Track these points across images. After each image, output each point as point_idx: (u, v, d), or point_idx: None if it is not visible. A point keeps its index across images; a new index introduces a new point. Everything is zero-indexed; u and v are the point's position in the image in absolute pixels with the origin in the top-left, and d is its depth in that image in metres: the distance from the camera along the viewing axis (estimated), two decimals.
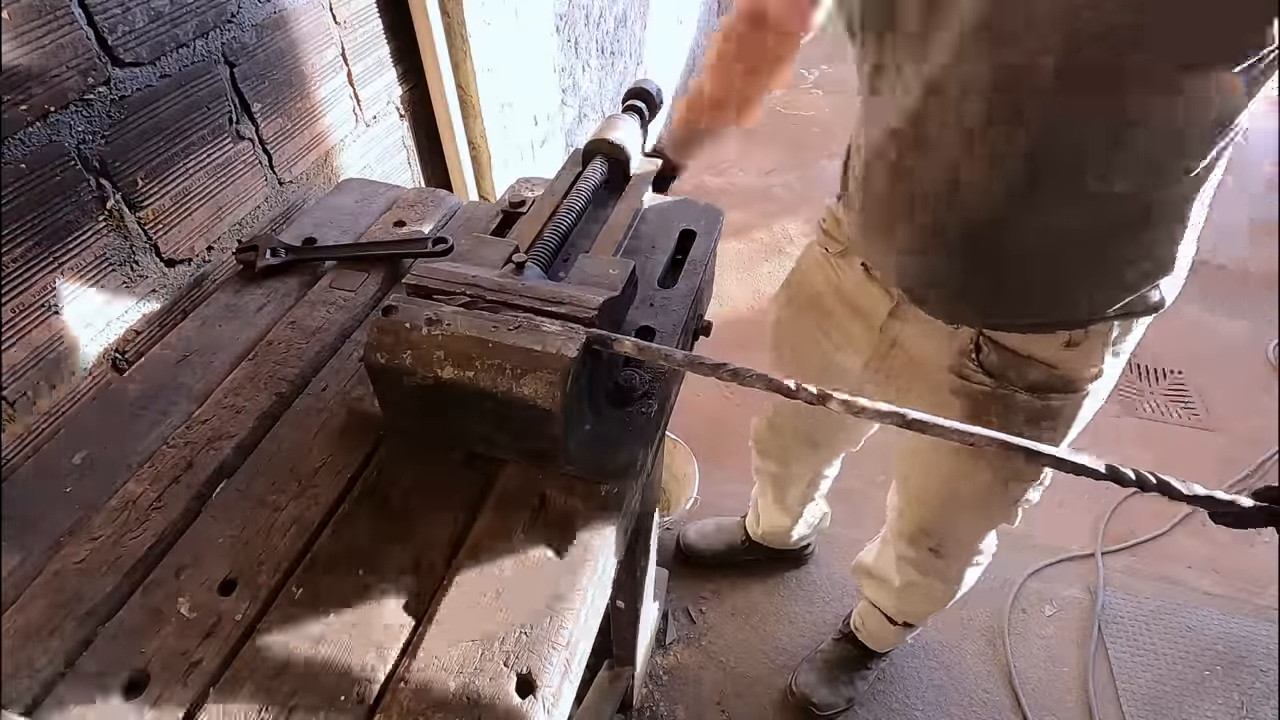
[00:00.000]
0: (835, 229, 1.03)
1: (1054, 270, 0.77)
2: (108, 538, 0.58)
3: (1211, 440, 2.03)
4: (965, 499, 1.04)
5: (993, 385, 0.88)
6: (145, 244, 0.80)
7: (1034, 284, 0.79)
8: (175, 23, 0.77)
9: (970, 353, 0.88)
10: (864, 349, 1.02)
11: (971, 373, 0.89)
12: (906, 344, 0.96)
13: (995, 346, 0.86)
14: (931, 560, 1.16)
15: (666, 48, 2.99)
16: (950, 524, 1.11)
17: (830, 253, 1.04)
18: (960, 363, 0.90)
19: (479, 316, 0.58)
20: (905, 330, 0.95)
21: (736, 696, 1.55)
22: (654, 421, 0.64)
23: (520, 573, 0.56)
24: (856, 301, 1.01)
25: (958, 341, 0.89)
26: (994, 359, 0.87)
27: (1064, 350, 0.84)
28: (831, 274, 1.04)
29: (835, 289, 1.04)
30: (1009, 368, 0.86)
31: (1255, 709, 1.52)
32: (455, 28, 1.16)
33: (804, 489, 1.47)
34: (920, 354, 0.95)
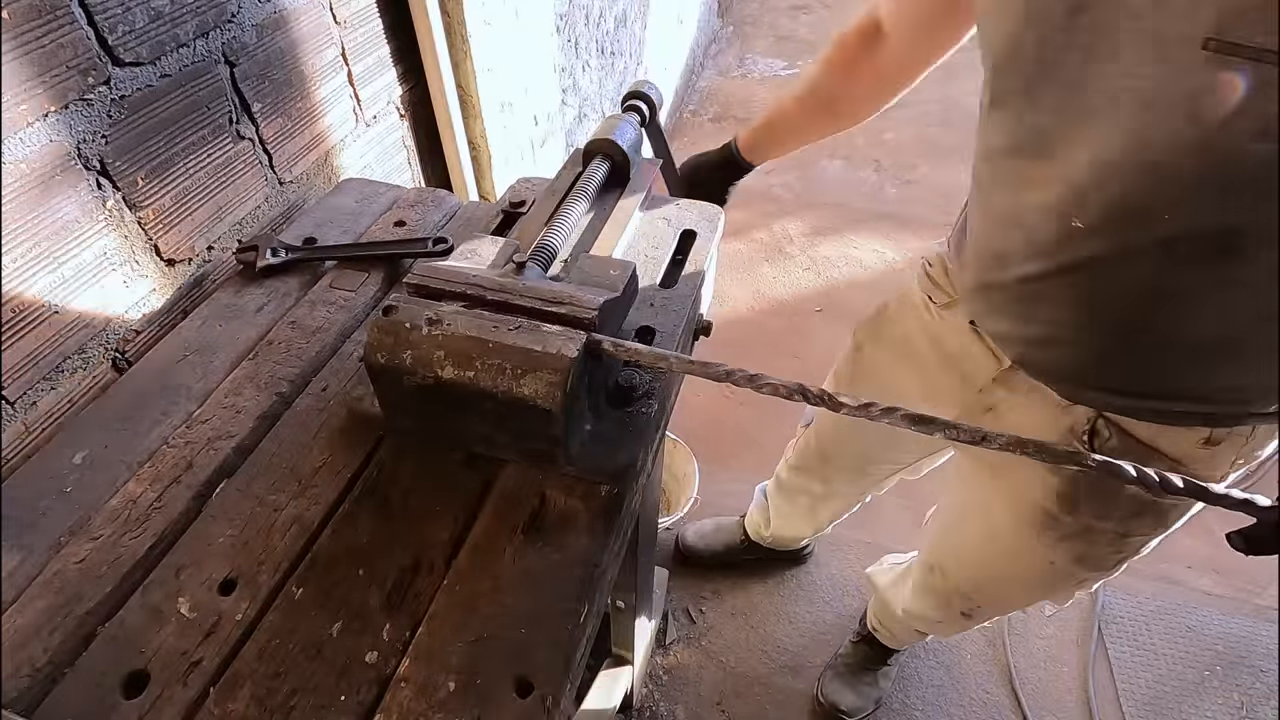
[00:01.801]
0: (943, 279, 0.94)
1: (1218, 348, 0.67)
2: (108, 537, 0.58)
3: None
4: (1023, 580, 0.95)
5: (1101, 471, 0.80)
6: (145, 244, 0.80)
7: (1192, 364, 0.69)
8: (175, 22, 0.77)
9: (1083, 434, 0.78)
10: (953, 407, 0.92)
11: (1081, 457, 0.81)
12: (1005, 411, 0.87)
13: (1118, 432, 0.76)
14: (960, 620, 1.10)
15: (666, 48, 2.99)
16: (993, 597, 1.03)
17: (934, 301, 0.95)
18: (1068, 442, 0.79)
19: (479, 316, 0.58)
20: (1007, 399, 0.86)
21: (736, 696, 1.55)
22: (654, 421, 0.64)
23: (520, 573, 0.56)
24: (956, 358, 0.92)
25: (1069, 419, 0.79)
26: (1113, 444, 0.77)
27: (1199, 448, 0.75)
28: (930, 322, 0.96)
29: (931, 338, 0.95)
30: (1125, 455, 0.72)
31: (1255, 709, 1.52)
32: (455, 27, 1.16)
33: (841, 508, 1.42)
34: (1020, 425, 0.84)
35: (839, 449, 1.24)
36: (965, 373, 0.91)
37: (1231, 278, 0.61)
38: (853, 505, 1.43)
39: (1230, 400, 0.71)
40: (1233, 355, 0.67)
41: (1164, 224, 0.59)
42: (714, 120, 3.30)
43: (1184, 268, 0.61)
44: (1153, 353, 0.69)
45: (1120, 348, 0.70)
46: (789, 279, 2.52)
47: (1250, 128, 0.52)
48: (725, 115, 3.30)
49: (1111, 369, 0.73)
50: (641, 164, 0.84)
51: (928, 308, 0.97)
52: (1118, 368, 0.72)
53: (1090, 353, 0.73)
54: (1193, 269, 0.61)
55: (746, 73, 3.59)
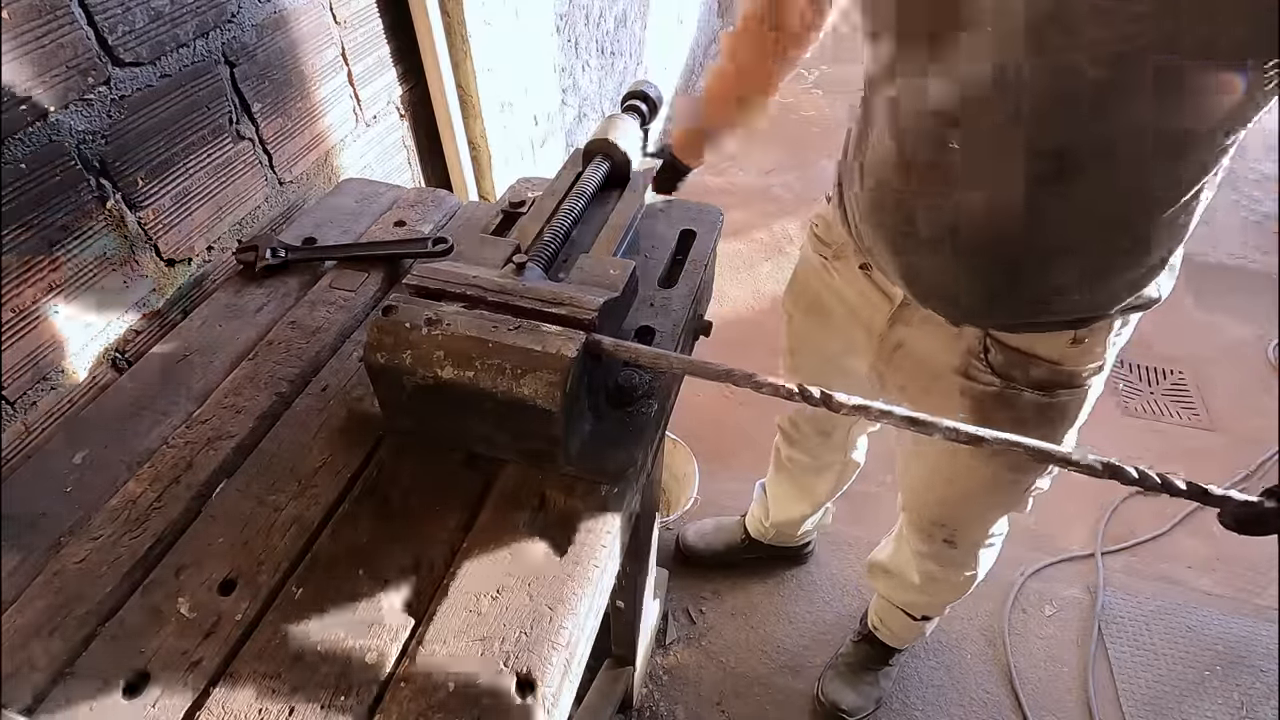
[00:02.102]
0: (827, 233, 1.02)
1: (1069, 270, 0.77)
2: (108, 537, 0.58)
3: (1212, 440, 2.03)
4: (974, 491, 1.04)
5: (1000, 385, 0.88)
6: (145, 244, 0.80)
7: (1049, 284, 0.79)
8: (175, 22, 0.77)
9: (979, 353, 0.88)
10: (867, 352, 1.02)
11: (979, 373, 0.89)
12: (910, 346, 0.96)
13: (1001, 347, 0.87)
14: (947, 551, 1.17)
15: (666, 48, 2.99)
16: (961, 515, 1.12)
17: (825, 258, 1.03)
18: (968, 363, 0.90)
19: (479, 316, 0.58)
20: (908, 333, 0.95)
21: (736, 696, 1.55)
22: (654, 421, 0.64)
23: (520, 573, 0.56)
24: (855, 306, 1.00)
25: (964, 342, 0.89)
26: (1000, 359, 0.87)
27: (1069, 347, 0.85)
28: (828, 278, 1.04)
29: (834, 293, 1.04)
30: (1014, 367, 0.87)
31: (1255, 709, 1.52)
32: (455, 27, 1.16)
33: (834, 477, 1.46)
34: (926, 356, 0.94)
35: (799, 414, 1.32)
36: (866, 319, 0.99)
37: (1069, 194, 0.69)
38: (844, 475, 1.47)
39: (1077, 309, 0.81)
40: (1076, 265, 0.77)
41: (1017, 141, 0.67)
42: None
43: (1030, 186, 0.69)
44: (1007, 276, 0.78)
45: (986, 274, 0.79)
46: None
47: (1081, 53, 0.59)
48: None
49: (984, 302, 0.82)
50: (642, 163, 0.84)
51: (825, 266, 1.04)
52: (990, 301, 0.81)
53: (962, 287, 0.81)
54: (1036, 187, 0.69)
55: None
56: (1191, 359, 2.24)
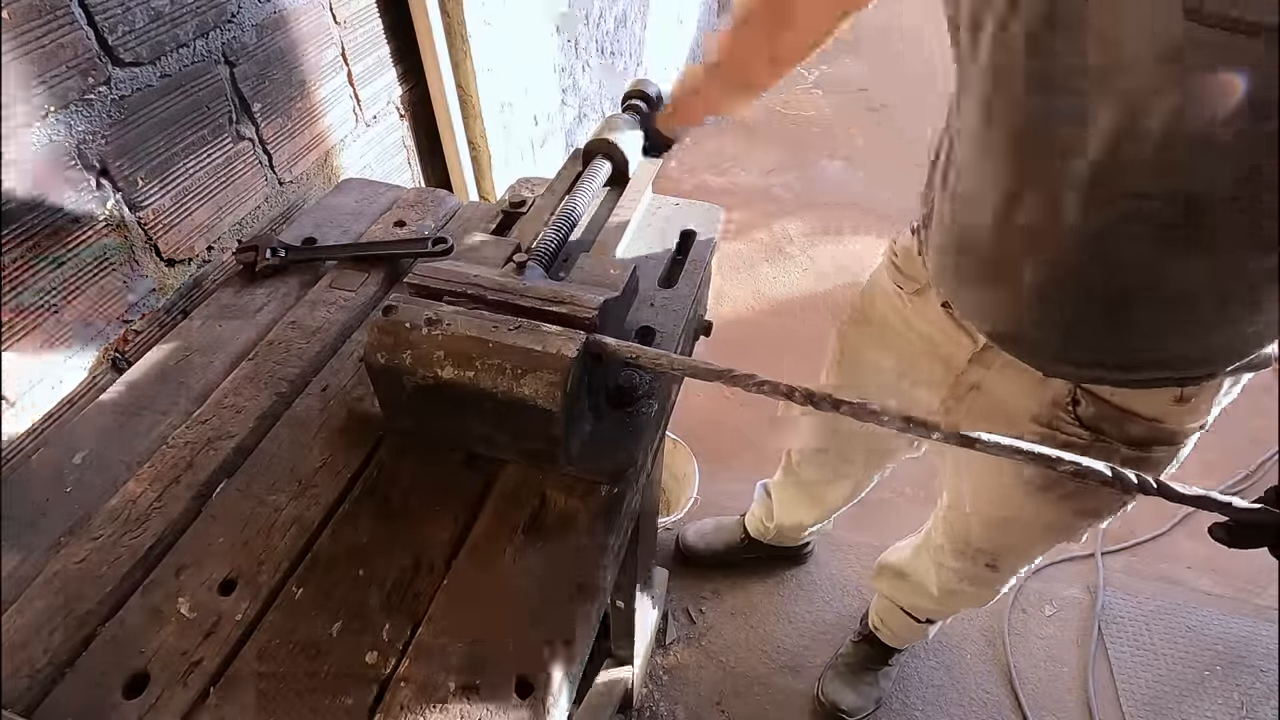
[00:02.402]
0: (909, 265, 0.95)
1: (1183, 327, 0.70)
2: (108, 537, 0.58)
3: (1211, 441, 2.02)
4: (1037, 527, 0.98)
5: (1088, 438, 0.82)
6: (145, 244, 0.80)
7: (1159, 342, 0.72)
8: (175, 23, 0.77)
9: (1066, 405, 0.82)
10: (938, 388, 0.95)
11: (1064, 424, 0.83)
12: (989, 389, 0.89)
13: (1094, 399, 0.80)
14: (986, 574, 1.12)
15: (667, 48, 2.99)
16: (1014, 545, 1.06)
17: (904, 290, 0.97)
18: (1052, 414, 0.83)
19: (479, 316, 0.58)
20: (987, 376, 0.89)
21: (736, 696, 1.55)
22: (654, 422, 0.64)
23: (520, 573, 0.56)
24: (934, 340, 0.94)
25: (1051, 392, 0.82)
26: (1091, 412, 0.80)
27: (1172, 405, 0.78)
28: (904, 309, 0.98)
29: (908, 324, 0.98)
30: (1106, 421, 0.80)
31: (1255, 709, 1.52)
32: (455, 27, 1.16)
33: (849, 491, 1.42)
34: (1003, 400, 0.88)
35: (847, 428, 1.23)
36: (944, 355, 0.93)
37: (1189, 250, 0.63)
38: (859, 488, 1.42)
39: (1193, 365, 0.74)
40: (1191, 327, 0.70)
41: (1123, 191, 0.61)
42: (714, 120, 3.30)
43: (1147, 239, 0.63)
44: (1112, 329, 0.72)
45: (1078, 325, 0.73)
46: (789, 279, 2.52)
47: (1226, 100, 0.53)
48: None
49: (1080, 350, 0.75)
50: (642, 164, 0.84)
51: (899, 296, 0.99)
52: (1086, 349, 0.75)
53: (1050, 329, 0.75)
54: (1154, 240, 0.63)
55: None
56: None
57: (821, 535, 1.73)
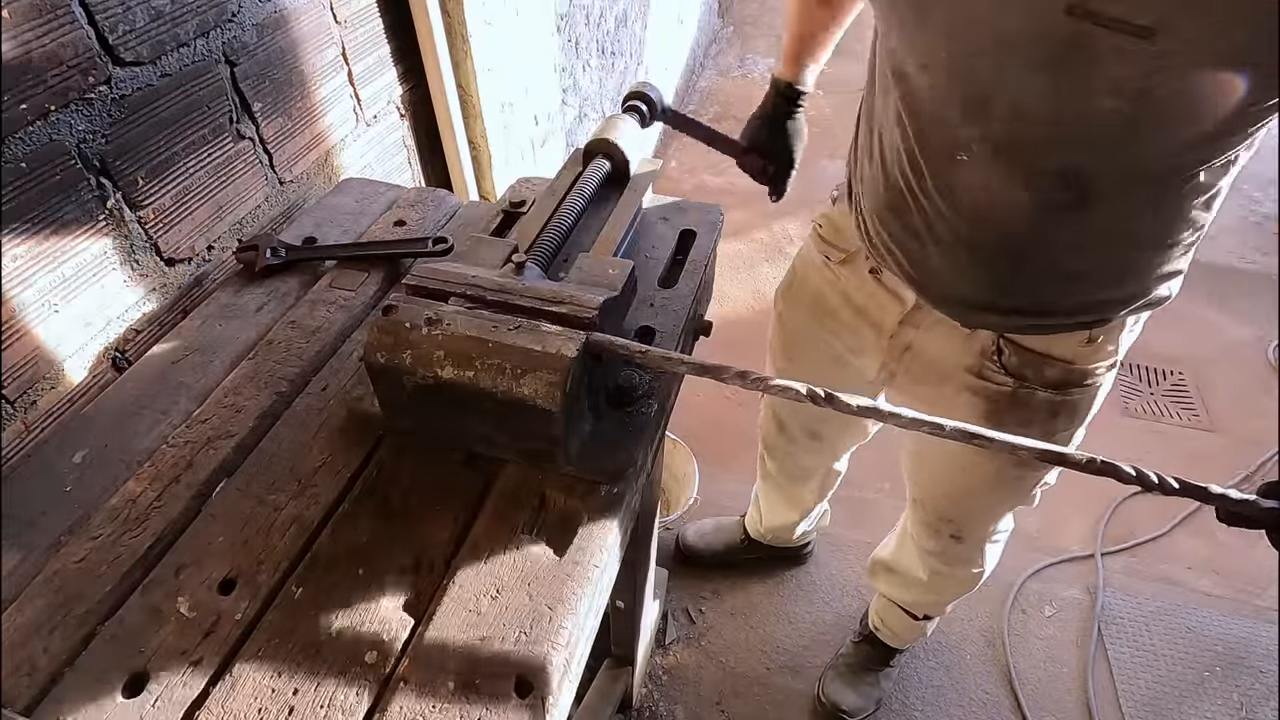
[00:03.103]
0: (834, 235, 1.02)
1: (1086, 274, 0.78)
2: (107, 537, 0.58)
3: (1212, 441, 2.03)
4: (980, 486, 1.04)
5: (1013, 385, 0.89)
6: (145, 243, 0.80)
7: (1065, 288, 0.80)
8: (176, 22, 0.77)
9: (992, 354, 0.88)
10: (876, 353, 1.01)
11: (992, 374, 0.89)
12: (921, 348, 0.96)
13: (1015, 348, 0.87)
14: (954, 547, 1.16)
15: (667, 48, 2.99)
16: (969, 511, 1.11)
17: (831, 260, 1.02)
18: (980, 364, 0.90)
19: (479, 316, 0.58)
20: (918, 335, 0.95)
21: (736, 696, 1.55)
22: (654, 421, 0.64)
23: (520, 573, 0.56)
24: (865, 308, 0.99)
25: (977, 343, 0.89)
26: (1014, 360, 0.87)
27: (1083, 347, 0.85)
28: (834, 280, 1.03)
29: (840, 294, 1.03)
30: (1028, 367, 0.87)
31: (1255, 710, 1.52)
32: (456, 27, 1.16)
33: (817, 486, 1.46)
34: (936, 357, 0.94)
35: (793, 422, 1.30)
36: (875, 320, 0.99)
37: (1086, 212, 0.70)
38: (827, 482, 1.46)
39: (1097, 310, 0.82)
40: (1092, 279, 0.79)
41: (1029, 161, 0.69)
42: (714, 120, 3.30)
43: (1045, 206, 0.71)
44: (1026, 282, 0.80)
45: (1000, 281, 0.80)
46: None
47: (1102, 85, 0.60)
48: (726, 115, 3.30)
49: (996, 299, 0.82)
50: (642, 164, 0.84)
51: (828, 266, 1.03)
52: (1002, 298, 0.82)
53: (972, 282, 0.82)
54: (1052, 207, 0.71)
55: (747, 73, 3.59)
56: (1191, 360, 2.24)
57: (821, 535, 1.73)
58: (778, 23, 3.97)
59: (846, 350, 1.07)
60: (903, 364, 0.99)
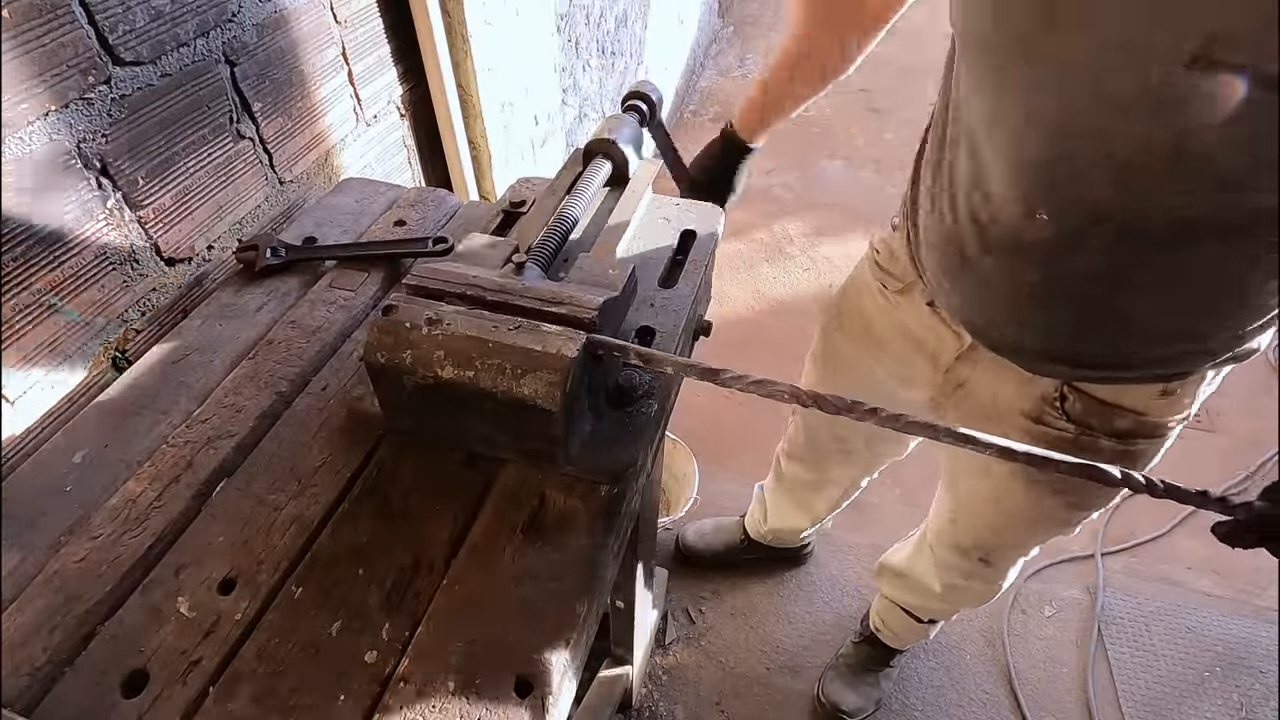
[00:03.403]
0: (890, 263, 0.97)
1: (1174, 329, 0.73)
2: (107, 536, 0.58)
3: (1212, 441, 2.03)
4: (1024, 519, 1.00)
5: (1075, 432, 0.84)
6: (145, 243, 0.80)
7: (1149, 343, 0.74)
8: (176, 22, 0.77)
9: (1054, 400, 0.84)
10: (928, 387, 0.97)
11: (1053, 420, 0.85)
12: (976, 387, 0.91)
13: (1081, 395, 0.82)
14: (981, 569, 1.13)
15: (667, 48, 2.99)
16: (1006, 541, 1.08)
17: (887, 289, 0.98)
18: (1041, 410, 0.85)
19: (479, 316, 0.58)
20: (974, 374, 0.90)
21: (735, 696, 1.55)
22: (654, 421, 0.64)
23: (520, 572, 0.56)
24: (920, 339, 0.95)
25: (1039, 389, 0.84)
26: (1079, 407, 0.82)
27: (1157, 399, 0.80)
28: (889, 308, 0.99)
29: (895, 324, 0.98)
30: (1093, 415, 0.82)
31: (1255, 710, 1.52)
32: (456, 27, 1.16)
33: (837, 497, 1.43)
34: (991, 397, 0.89)
35: (824, 432, 1.27)
36: (931, 353, 0.94)
37: (1179, 266, 0.66)
38: (848, 494, 1.43)
39: (1178, 363, 0.77)
40: (1179, 333, 0.73)
41: (1123, 216, 0.63)
42: (714, 120, 3.30)
43: (1135, 257, 0.66)
44: (1104, 334, 0.74)
45: (1072, 329, 0.75)
46: (789, 279, 2.52)
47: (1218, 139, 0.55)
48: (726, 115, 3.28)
49: (1064, 347, 0.77)
50: (642, 164, 0.84)
51: (883, 294, 0.99)
52: (1071, 346, 0.77)
53: (1043, 333, 0.77)
54: (1143, 258, 0.66)
55: (747, 73, 3.59)
56: None
57: (821, 536, 1.73)
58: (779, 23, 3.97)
59: (893, 380, 1.02)
60: (953, 400, 0.94)
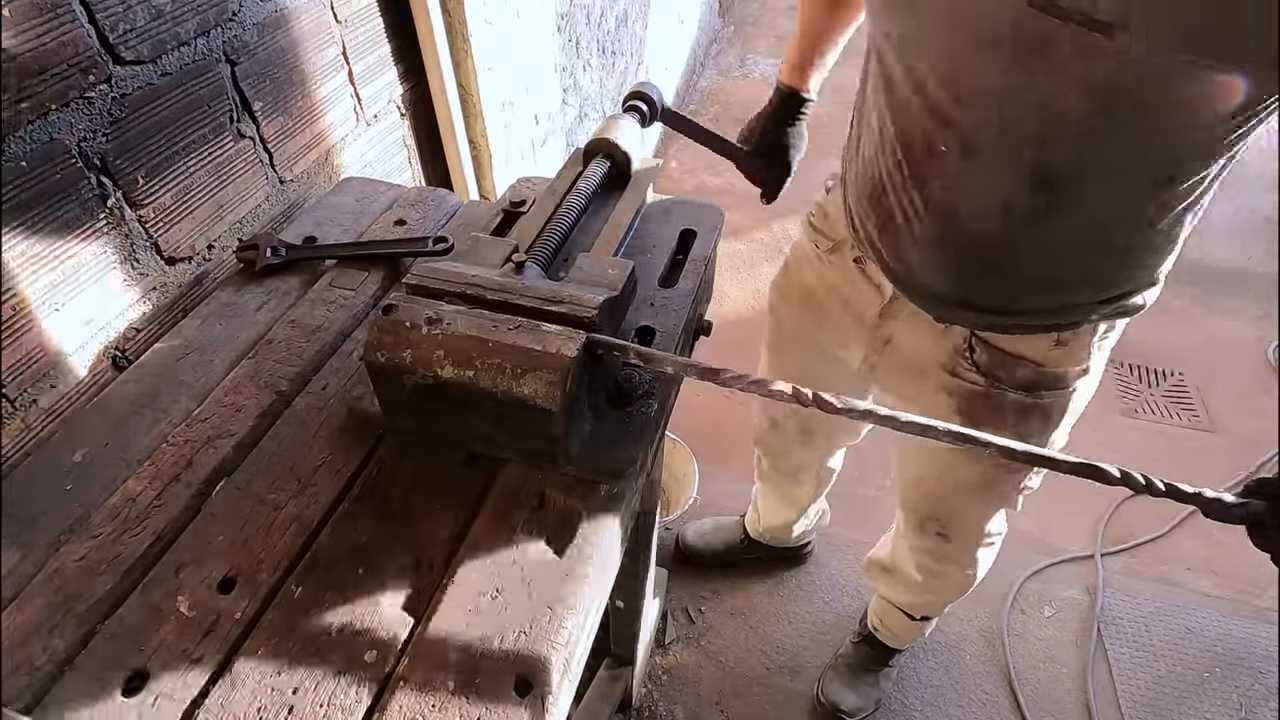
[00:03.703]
0: (824, 224, 1.03)
1: (1054, 275, 0.79)
2: (107, 536, 0.58)
3: (1212, 441, 2.03)
4: (963, 484, 1.05)
5: (985, 384, 0.90)
6: (145, 242, 0.80)
7: (1033, 288, 0.81)
8: (176, 21, 0.77)
9: (964, 352, 0.90)
10: (859, 345, 1.02)
11: (965, 371, 0.91)
12: (900, 341, 0.97)
13: (986, 346, 0.88)
14: (942, 545, 1.17)
15: (667, 47, 2.99)
16: (949, 509, 1.12)
17: (819, 249, 1.04)
18: (954, 361, 0.91)
19: (479, 316, 0.58)
20: (897, 328, 0.96)
21: (735, 696, 1.55)
22: (654, 421, 0.64)
23: (519, 572, 0.56)
24: (848, 299, 1.01)
25: (950, 340, 0.90)
26: (985, 358, 0.89)
27: (1052, 349, 0.86)
28: (823, 270, 1.04)
29: (827, 285, 1.04)
30: (999, 367, 0.88)
31: (1254, 710, 1.52)
32: (456, 27, 1.16)
33: (812, 484, 1.46)
34: (913, 351, 0.96)
35: (783, 414, 1.31)
36: (857, 312, 1.00)
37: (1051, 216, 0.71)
38: (823, 479, 1.47)
39: (1066, 313, 0.83)
40: (1060, 281, 0.79)
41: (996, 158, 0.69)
42: (714, 120, 3.30)
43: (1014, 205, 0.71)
44: (995, 280, 0.81)
45: (970, 276, 0.81)
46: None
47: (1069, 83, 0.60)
48: (726, 115, 3.30)
49: (966, 294, 0.83)
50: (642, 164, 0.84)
51: (817, 256, 1.04)
52: (971, 293, 0.83)
53: (947, 277, 0.83)
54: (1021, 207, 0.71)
55: (748, 73, 3.59)
56: (1191, 360, 2.24)
57: (821, 535, 1.73)
58: (780, 23, 3.97)
59: (833, 343, 1.08)
60: (884, 357, 1.00)
